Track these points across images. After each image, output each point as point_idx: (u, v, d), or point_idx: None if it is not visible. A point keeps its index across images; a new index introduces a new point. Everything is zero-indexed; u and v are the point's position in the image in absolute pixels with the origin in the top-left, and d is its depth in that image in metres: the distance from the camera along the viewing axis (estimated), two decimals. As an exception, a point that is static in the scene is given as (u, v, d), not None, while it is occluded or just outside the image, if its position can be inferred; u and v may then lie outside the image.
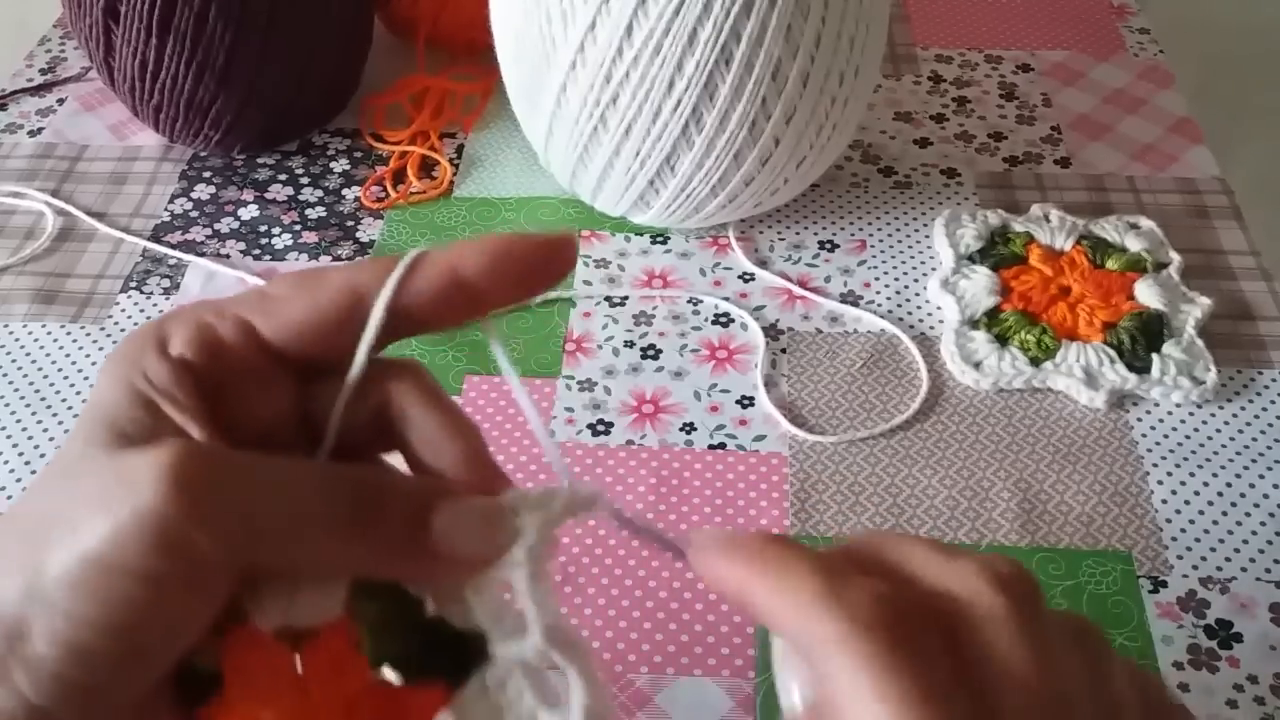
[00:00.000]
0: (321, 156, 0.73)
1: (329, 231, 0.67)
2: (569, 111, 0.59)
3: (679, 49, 0.54)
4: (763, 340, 0.60)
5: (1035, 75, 0.78)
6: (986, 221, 0.64)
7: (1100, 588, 0.49)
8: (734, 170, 0.59)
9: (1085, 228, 0.64)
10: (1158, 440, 0.55)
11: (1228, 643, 0.47)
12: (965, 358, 0.58)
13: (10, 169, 0.73)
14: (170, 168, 0.72)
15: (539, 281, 0.27)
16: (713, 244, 0.65)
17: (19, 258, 0.66)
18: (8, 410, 0.58)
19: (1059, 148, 0.72)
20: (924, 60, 0.80)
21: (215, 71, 0.66)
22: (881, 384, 0.58)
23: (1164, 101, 0.75)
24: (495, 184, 0.70)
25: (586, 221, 0.67)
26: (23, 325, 0.62)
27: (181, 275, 0.65)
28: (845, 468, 0.54)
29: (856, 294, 0.63)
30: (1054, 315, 0.59)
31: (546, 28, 0.57)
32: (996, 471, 0.54)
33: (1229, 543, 0.50)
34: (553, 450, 0.27)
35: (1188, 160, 0.70)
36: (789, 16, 0.54)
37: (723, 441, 0.55)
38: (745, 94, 0.56)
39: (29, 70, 0.81)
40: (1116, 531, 0.51)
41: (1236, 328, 0.60)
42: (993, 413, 0.56)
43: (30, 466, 0.55)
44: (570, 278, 0.64)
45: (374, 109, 0.75)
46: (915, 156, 0.71)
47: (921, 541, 0.27)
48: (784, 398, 0.57)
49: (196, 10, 0.64)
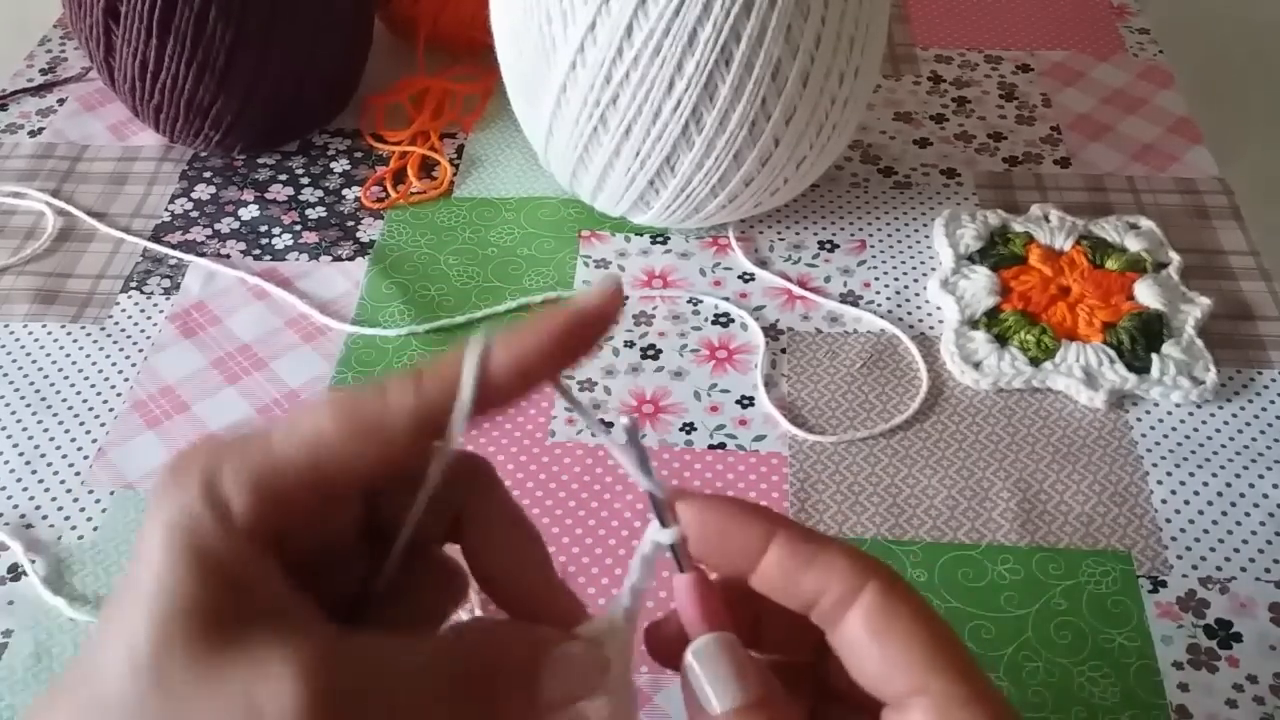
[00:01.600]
0: (322, 156, 0.73)
1: (329, 231, 0.68)
2: (569, 111, 0.59)
3: (679, 49, 0.54)
4: (763, 340, 0.60)
5: (1035, 75, 0.78)
6: (986, 221, 0.65)
7: (1100, 588, 0.49)
8: (734, 170, 0.59)
9: (1085, 228, 0.64)
10: (1157, 440, 0.55)
11: (1227, 642, 0.47)
12: (965, 358, 0.58)
13: (10, 169, 0.73)
14: (170, 168, 0.72)
15: (595, 338, 0.26)
16: (713, 244, 0.65)
17: (19, 258, 0.66)
18: (8, 410, 0.58)
19: (1059, 148, 0.72)
20: (924, 60, 0.80)
21: (215, 71, 0.66)
22: (881, 384, 0.58)
23: (1164, 101, 0.75)
24: (495, 184, 0.70)
25: (586, 221, 0.67)
26: (23, 325, 0.62)
27: (182, 275, 0.65)
28: (845, 468, 0.54)
29: (856, 294, 0.63)
30: (1054, 315, 0.59)
31: (546, 28, 0.57)
32: (996, 471, 0.54)
33: (1228, 543, 0.50)
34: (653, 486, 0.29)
35: (1188, 160, 0.70)
36: (789, 16, 0.54)
37: (723, 441, 0.55)
38: (745, 94, 0.56)
39: (29, 70, 0.81)
40: (1116, 531, 0.51)
41: (1236, 328, 0.60)
42: (992, 413, 0.56)
43: (30, 466, 0.55)
44: (570, 278, 0.64)
45: (374, 109, 0.75)
46: (915, 156, 0.72)
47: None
48: (784, 398, 0.57)
49: (196, 10, 0.64)
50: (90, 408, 0.58)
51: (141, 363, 0.60)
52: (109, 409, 0.58)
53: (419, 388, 0.25)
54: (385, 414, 0.24)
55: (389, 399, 0.24)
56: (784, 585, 0.28)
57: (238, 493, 0.23)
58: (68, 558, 0.51)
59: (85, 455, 0.56)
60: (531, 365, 0.25)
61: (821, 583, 0.27)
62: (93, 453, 0.56)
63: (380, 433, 0.24)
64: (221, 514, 0.23)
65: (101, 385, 0.59)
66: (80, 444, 0.56)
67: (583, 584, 0.49)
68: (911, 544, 0.51)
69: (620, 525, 0.52)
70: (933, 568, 0.50)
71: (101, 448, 0.56)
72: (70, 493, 0.54)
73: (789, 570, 0.27)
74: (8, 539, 0.52)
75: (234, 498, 0.23)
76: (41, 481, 0.55)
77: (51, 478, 0.55)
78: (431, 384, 0.25)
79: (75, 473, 0.55)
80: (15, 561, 0.51)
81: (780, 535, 0.27)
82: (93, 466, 0.55)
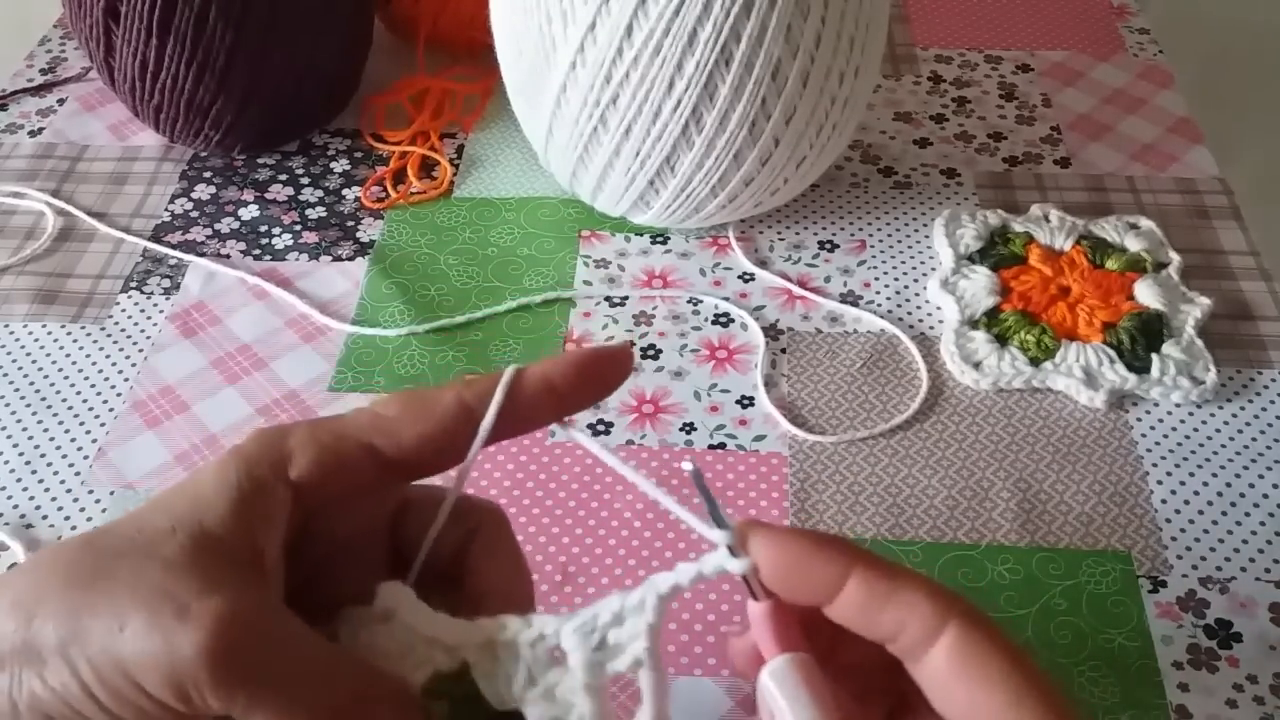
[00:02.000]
0: (322, 157, 0.73)
1: (329, 232, 0.68)
2: (569, 111, 0.59)
3: (679, 49, 0.54)
4: (763, 340, 0.60)
5: (1035, 75, 0.78)
6: (986, 221, 0.65)
7: (1100, 588, 0.49)
8: (734, 170, 0.59)
9: (1085, 228, 0.64)
10: (1157, 440, 0.55)
11: (1227, 642, 0.47)
12: (965, 358, 0.58)
13: (10, 169, 0.73)
14: (170, 168, 0.72)
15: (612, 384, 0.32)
16: (713, 244, 0.66)
17: (19, 258, 0.66)
18: (8, 410, 0.58)
19: (1059, 148, 0.72)
20: (924, 60, 0.80)
21: (215, 72, 0.66)
22: (881, 384, 0.58)
23: (1164, 101, 0.75)
24: (495, 184, 0.70)
25: (586, 221, 0.67)
26: (23, 325, 0.62)
27: (182, 275, 0.65)
28: (845, 468, 0.54)
29: (856, 294, 0.63)
30: (1054, 315, 0.59)
31: (546, 28, 0.57)
32: (996, 471, 0.54)
33: (1228, 543, 0.50)
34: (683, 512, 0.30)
35: (1188, 160, 0.71)
36: (789, 16, 0.54)
37: (723, 441, 0.55)
38: (745, 94, 0.56)
39: (29, 70, 0.81)
40: (1116, 531, 0.51)
41: (1236, 328, 0.60)
42: (992, 413, 0.56)
43: (30, 466, 0.55)
44: (570, 278, 0.64)
45: (374, 109, 0.75)
46: (915, 156, 0.72)
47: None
48: (784, 398, 0.57)
49: (196, 10, 0.64)
50: (90, 408, 0.58)
51: (141, 363, 0.60)
52: (109, 409, 0.58)
53: (465, 385, 0.30)
54: (436, 400, 0.30)
55: (440, 390, 0.30)
56: (862, 621, 0.28)
57: (303, 451, 0.28)
58: (68, 558, 0.51)
59: (85, 455, 0.56)
60: (559, 387, 0.30)
61: (900, 620, 0.27)
62: (93, 453, 0.56)
63: (428, 412, 0.29)
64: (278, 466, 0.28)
65: (101, 385, 0.59)
66: (80, 444, 0.56)
67: (583, 584, 0.49)
68: (911, 544, 0.51)
69: (620, 525, 0.52)
70: (933, 568, 0.50)
71: (101, 448, 0.56)
72: (70, 493, 0.54)
73: (866, 607, 0.27)
74: (8, 539, 0.52)
75: (298, 455, 0.28)
76: (41, 481, 0.55)
77: (51, 478, 0.55)
78: (474, 385, 0.30)
79: (75, 473, 0.55)
80: (15, 562, 0.51)
81: (857, 572, 0.27)
82: (93, 466, 0.55)
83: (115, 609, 0.25)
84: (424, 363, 0.59)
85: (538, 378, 0.30)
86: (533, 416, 0.31)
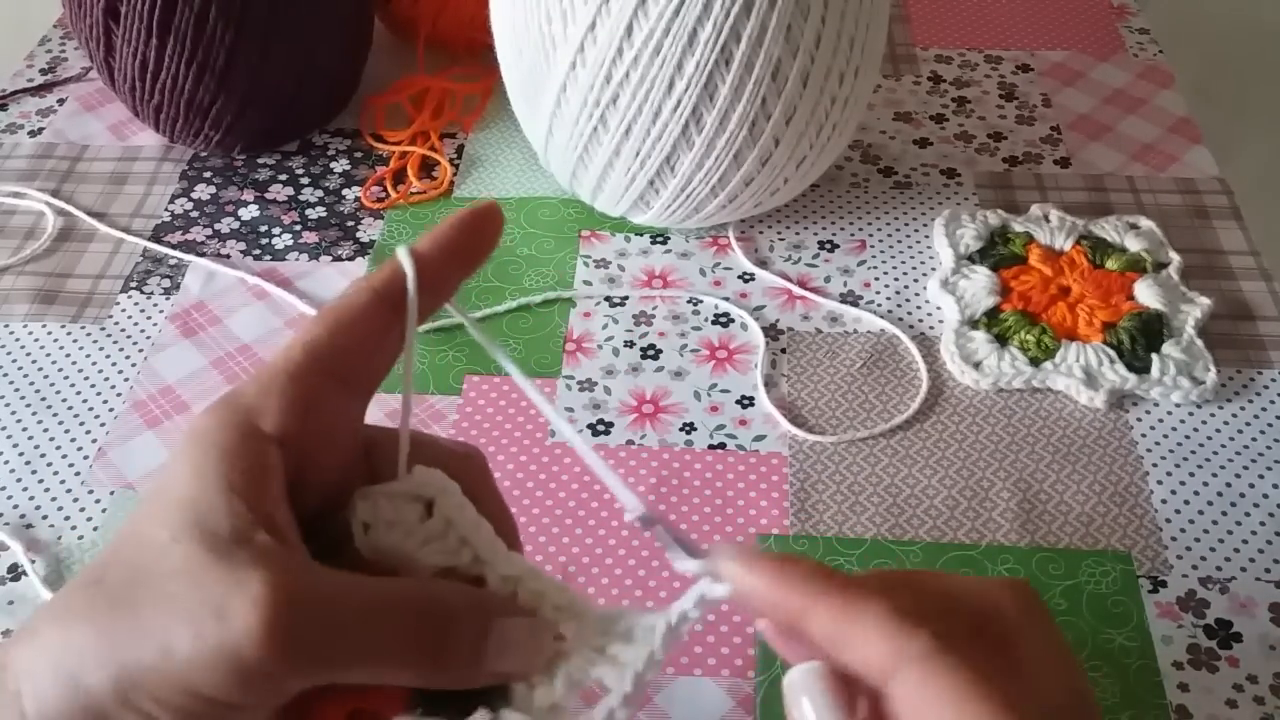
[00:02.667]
0: (322, 156, 0.73)
1: (329, 232, 0.68)
2: (569, 111, 0.59)
3: (679, 49, 0.54)
4: (763, 340, 0.60)
5: (1035, 75, 0.78)
6: (986, 221, 0.65)
7: (1100, 588, 0.49)
8: (734, 170, 0.59)
9: (1085, 228, 0.64)
10: (1157, 440, 0.55)
11: (1227, 642, 0.47)
12: (965, 358, 0.58)
13: (10, 169, 0.73)
14: (170, 168, 0.72)
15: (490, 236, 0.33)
16: (713, 244, 0.66)
17: (19, 258, 0.66)
18: (8, 410, 0.58)
19: (1059, 148, 0.72)
20: (924, 60, 0.80)
21: (215, 71, 0.66)
22: (881, 384, 0.58)
23: (1164, 101, 0.75)
24: (495, 184, 0.70)
25: (586, 221, 0.67)
26: (23, 325, 0.62)
27: (182, 275, 0.65)
28: (845, 468, 0.54)
29: (856, 294, 0.63)
30: (1054, 315, 0.59)
31: (546, 28, 0.57)
32: (996, 471, 0.54)
33: (1228, 543, 0.50)
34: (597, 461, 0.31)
35: (1187, 160, 0.71)
36: (789, 16, 0.54)
37: (723, 441, 0.55)
38: (745, 94, 0.56)
39: (29, 70, 0.81)
40: (1116, 531, 0.51)
41: (1236, 328, 0.60)
42: (992, 413, 0.56)
43: (30, 466, 0.55)
44: (570, 278, 0.64)
45: (374, 109, 0.75)
46: (915, 156, 0.72)
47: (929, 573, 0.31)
48: (784, 398, 0.57)
49: (196, 10, 0.64)
50: (90, 408, 0.58)
51: (141, 363, 0.60)
52: (109, 409, 0.58)
53: (365, 280, 0.30)
54: (352, 304, 0.30)
55: (346, 296, 0.30)
56: (833, 654, 0.28)
57: (269, 401, 0.28)
58: (68, 558, 0.51)
59: (85, 455, 0.56)
60: (449, 245, 0.32)
61: (861, 659, 0.27)
62: (93, 453, 0.56)
63: (350, 316, 0.29)
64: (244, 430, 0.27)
65: (101, 385, 0.59)
66: (80, 444, 0.56)
67: (583, 584, 0.49)
68: (911, 544, 0.51)
69: (620, 525, 0.52)
70: (932, 568, 0.50)
71: (101, 448, 0.56)
72: (70, 493, 0.54)
73: (831, 642, 0.28)
74: (8, 539, 0.52)
75: (266, 409, 0.28)
76: (41, 481, 0.55)
77: (51, 478, 0.55)
78: (376, 275, 0.30)
79: (75, 473, 0.55)
80: (15, 561, 0.51)
81: (816, 613, 0.28)
82: (93, 466, 0.55)
83: (155, 638, 0.25)
84: (424, 363, 0.59)
85: (429, 244, 0.31)
86: (440, 286, 0.31)
